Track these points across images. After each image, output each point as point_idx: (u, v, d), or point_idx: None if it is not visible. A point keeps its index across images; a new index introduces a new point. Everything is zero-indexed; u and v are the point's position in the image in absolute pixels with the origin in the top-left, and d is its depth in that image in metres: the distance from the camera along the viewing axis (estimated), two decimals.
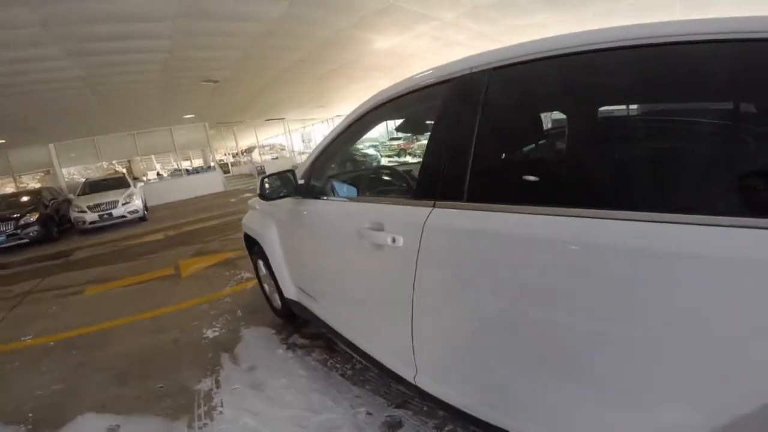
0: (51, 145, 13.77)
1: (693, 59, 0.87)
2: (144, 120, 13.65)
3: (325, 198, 2.03)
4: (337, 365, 2.34)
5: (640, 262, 0.81)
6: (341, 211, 1.90)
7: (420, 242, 1.25)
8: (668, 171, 0.90)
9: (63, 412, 2.28)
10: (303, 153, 25.10)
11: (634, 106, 1.13)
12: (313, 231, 2.13)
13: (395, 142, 18.24)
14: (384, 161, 13.56)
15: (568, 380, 0.97)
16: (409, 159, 15.64)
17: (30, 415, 2.31)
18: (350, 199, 1.99)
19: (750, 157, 0.85)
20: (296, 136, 28.02)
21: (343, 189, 2.06)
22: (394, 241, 1.34)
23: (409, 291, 1.31)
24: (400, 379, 1.55)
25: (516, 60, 1.14)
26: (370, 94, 1.80)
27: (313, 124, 27.62)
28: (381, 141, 19.22)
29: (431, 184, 1.30)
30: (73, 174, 16.41)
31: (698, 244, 0.74)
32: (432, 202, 1.27)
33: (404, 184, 2.22)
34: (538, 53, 1.09)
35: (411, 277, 1.28)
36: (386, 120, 2.10)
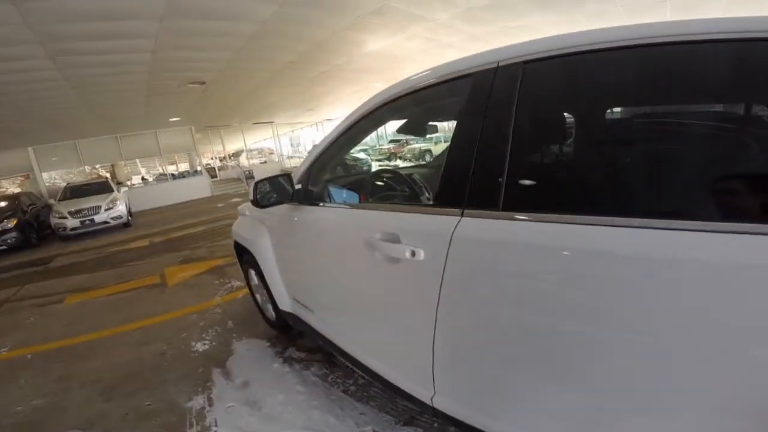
0: (30, 149, 13.34)
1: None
2: (128, 123, 13.33)
3: (325, 204, 1.89)
4: (338, 380, 2.20)
5: (737, 281, 0.70)
6: (344, 219, 1.75)
7: (447, 256, 1.12)
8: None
9: (45, 430, 2.12)
10: (292, 157, 24.84)
11: (706, 105, 1.00)
12: (311, 240, 1.98)
13: (390, 146, 18.05)
14: (375, 166, 13.35)
15: (631, 411, 0.86)
16: (400, 163, 15.52)
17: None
18: (354, 206, 1.84)
19: None
20: (285, 140, 27.78)
21: (346, 195, 1.93)
22: (413, 254, 1.21)
23: (431, 309, 1.18)
24: (412, 399, 1.43)
25: (556, 53, 1.02)
26: (361, 97, 1.68)
27: (302, 128, 27.40)
28: (371, 145, 19.13)
29: (457, 189, 1.16)
30: (55, 179, 16.04)
31: None
32: (459, 210, 1.14)
33: (418, 190, 2.07)
34: (582, 46, 0.98)
35: (435, 294, 1.16)
36: (391, 120, 1.98)
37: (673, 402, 0.78)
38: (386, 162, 16.44)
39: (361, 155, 14.23)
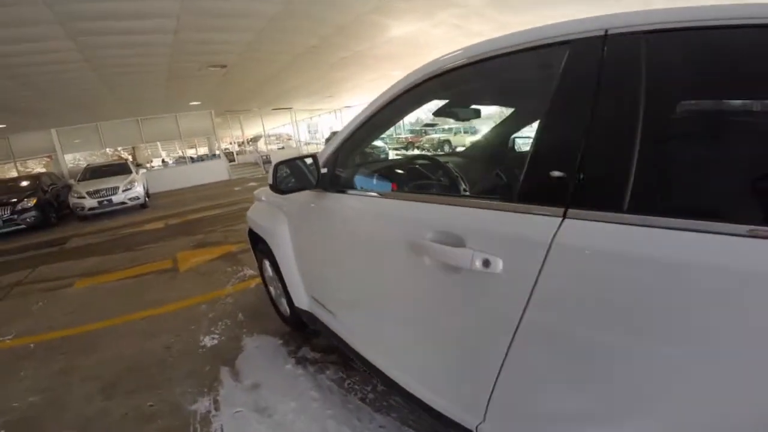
0: (53, 131, 13.49)
1: None
2: (149, 106, 13.32)
3: (356, 192, 1.64)
4: (356, 386, 2.00)
5: None
6: (381, 211, 1.46)
7: (541, 269, 0.86)
8: None
9: (40, 429, 1.98)
10: (309, 143, 24.74)
11: None
12: (338, 234, 1.73)
13: (408, 135, 17.52)
14: (392, 154, 12.93)
15: None
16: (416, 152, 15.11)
17: (2, 431, 2.00)
18: (393, 195, 1.54)
19: None
20: (302, 126, 27.68)
21: (381, 183, 1.67)
22: (486, 264, 0.95)
23: (506, 332, 0.94)
24: (446, 421, 1.21)
25: (700, 25, 0.77)
26: (380, 84, 1.40)
27: (320, 115, 27.24)
28: (387, 134, 18.82)
29: (556, 182, 0.89)
30: (79, 160, 16.33)
31: None
32: (561, 209, 0.86)
33: (486, 179, 1.74)
34: (739, 19, 0.73)
35: (515, 316, 0.91)
36: (434, 99, 1.70)
37: None
38: (404, 151, 16.05)
39: (378, 143, 13.94)
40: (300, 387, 2.04)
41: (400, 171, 2.00)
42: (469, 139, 14.23)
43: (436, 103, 1.85)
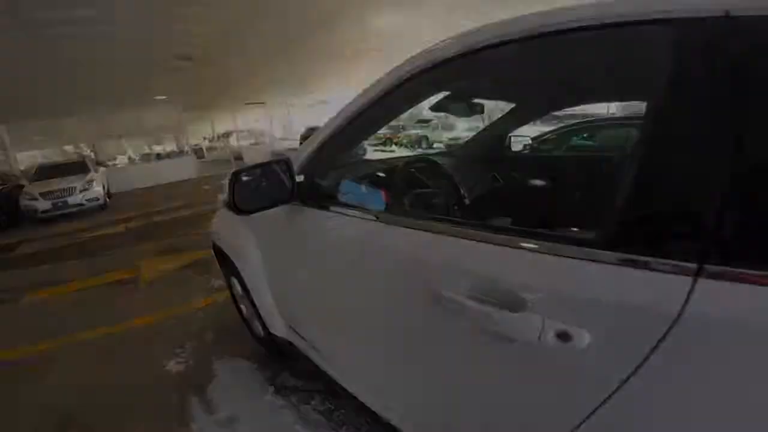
0: (2, 126, 12.53)
1: None
2: (110, 101, 12.59)
3: (346, 211, 1.23)
4: (347, 420, 1.75)
5: None
6: (387, 242, 1.06)
7: (654, 349, 0.57)
8: None
9: None
10: (284, 139, 24.04)
11: None
12: (323, 264, 1.37)
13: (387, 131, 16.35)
14: (370, 152, 12.07)
15: None
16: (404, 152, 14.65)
17: None
18: (405, 222, 1.05)
19: None
20: (276, 121, 26.99)
21: (383, 198, 1.36)
22: (565, 338, 0.66)
23: (582, 409, 0.67)
24: None
25: None
26: (366, 78, 1.12)
27: (295, 110, 26.57)
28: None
29: (680, 226, 0.61)
30: (37, 158, 15.38)
31: None
32: (690, 266, 0.56)
33: (550, 208, 1.28)
34: None
35: (597, 396, 0.65)
36: (454, 88, 1.41)
37: None
38: (382, 147, 15.47)
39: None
40: (283, 420, 1.78)
41: (408, 183, 1.59)
42: (447, 135, 13.68)
43: (444, 95, 1.57)
